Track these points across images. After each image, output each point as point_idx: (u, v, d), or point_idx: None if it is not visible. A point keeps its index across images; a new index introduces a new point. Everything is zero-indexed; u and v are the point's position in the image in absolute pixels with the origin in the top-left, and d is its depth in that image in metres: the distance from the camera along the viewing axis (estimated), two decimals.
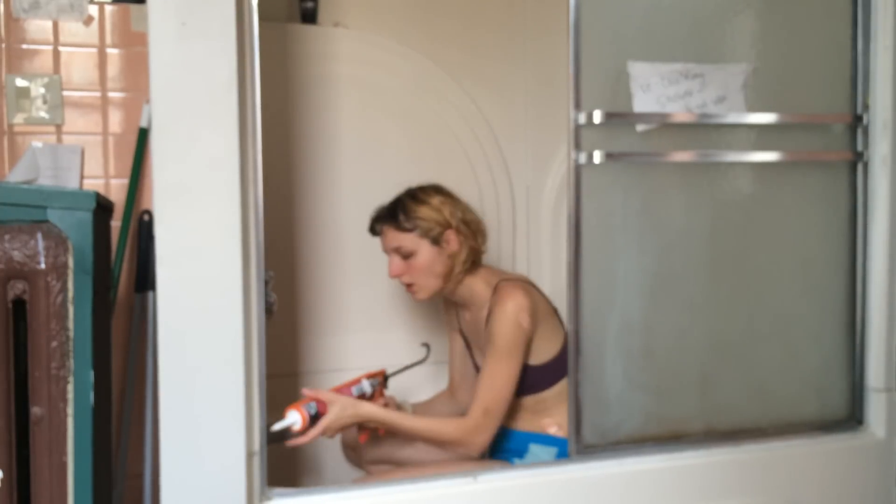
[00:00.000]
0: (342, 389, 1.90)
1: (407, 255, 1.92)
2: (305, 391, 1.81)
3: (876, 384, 1.89)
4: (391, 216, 1.94)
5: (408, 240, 1.91)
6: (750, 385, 1.84)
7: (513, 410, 1.96)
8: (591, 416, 1.73)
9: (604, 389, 1.75)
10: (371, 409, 1.84)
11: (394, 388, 2.13)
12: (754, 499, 1.79)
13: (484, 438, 1.84)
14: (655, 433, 1.78)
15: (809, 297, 1.88)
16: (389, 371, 2.09)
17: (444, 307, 2.17)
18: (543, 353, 1.93)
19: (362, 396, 1.93)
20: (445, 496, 1.62)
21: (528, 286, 1.95)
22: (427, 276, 1.93)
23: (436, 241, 1.91)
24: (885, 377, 1.88)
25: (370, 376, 1.99)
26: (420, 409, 2.13)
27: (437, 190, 1.98)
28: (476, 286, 1.97)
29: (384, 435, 1.98)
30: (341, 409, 1.79)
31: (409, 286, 1.96)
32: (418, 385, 2.27)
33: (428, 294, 1.96)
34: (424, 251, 1.91)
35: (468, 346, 2.10)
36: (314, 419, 1.76)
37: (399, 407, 2.06)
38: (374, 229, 1.98)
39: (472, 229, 1.97)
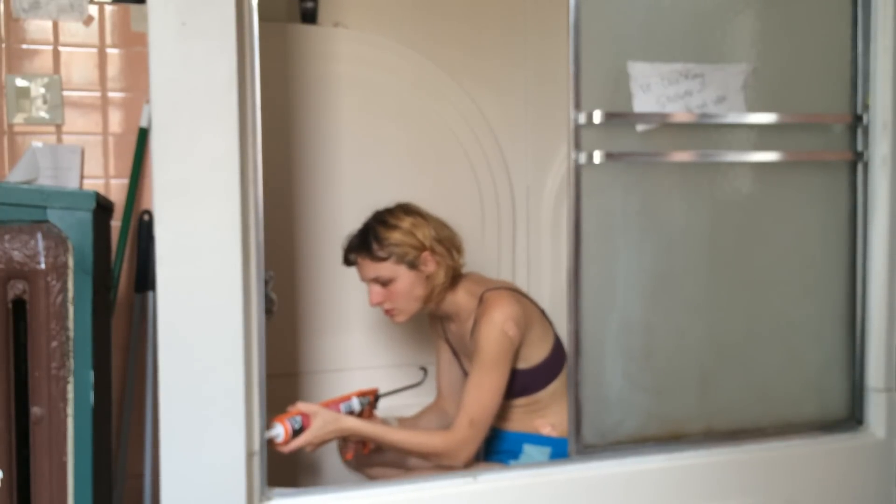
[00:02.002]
0: (331, 405, 1.89)
1: (386, 283, 1.90)
2: (290, 408, 1.80)
3: (876, 384, 1.89)
4: (364, 246, 1.90)
5: (384, 268, 1.88)
6: (750, 385, 1.84)
7: (505, 412, 1.96)
8: (591, 416, 1.73)
9: (604, 389, 1.75)
10: (354, 424, 1.82)
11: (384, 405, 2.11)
12: (754, 499, 1.79)
13: (470, 450, 1.83)
14: (655, 433, 1.78)
15: (809, 297, 1.88)
16: (382, 391, 2.07)
17: (430, 318, 2.16)
18: (534, 356, 1.92)
19: (350, 414, 1.91)
20: (445, 496, 1.62)
21: (513, 294, 1.94)
22: (407, 301, 1.92)
23: (412, 265, 1.89)
24: (885, 377, 1.88)
25: (361, 394, 1.98)
26: (406, 424, 2.11)
27: (407, 211, 1.94)
28: (459, 299, 1.95)
29: (369, 453, 1.98)
30: (323, 424, 1.77)
31: (388, 311, 1.94)
32: (408, 406, 2.26)
33: (408, 317, 1.95)
34: (403, 277, 1.89)
35: (456, 355, 2.09)
36: (297, 433, 1.75)
37: (384, 423, 2.02)
38: (349, 260, 1.95)
39: (447, 247, 1.93)
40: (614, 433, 1.75)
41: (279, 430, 1.73)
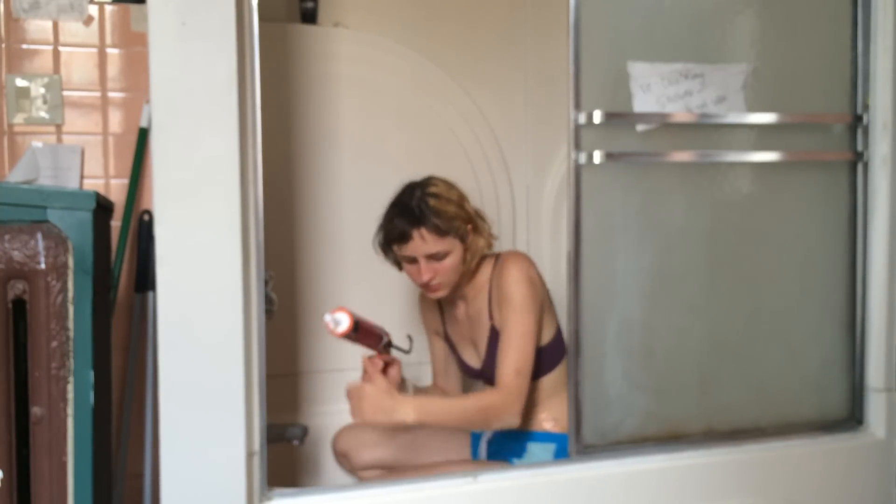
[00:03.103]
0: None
1: (441, 258, 1.86)
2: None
3: (876, 384, 1.89)
4: (425, 220, 1.83)
5: (445, 243, 1.85)
6: (750, 385, 1.84)
7: None
8: (591, 416, 1.73)
9: (604, 389, 1.75)
10: (411, 411, 1.75)
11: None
12: (754, 499, 1.79)
13: (521, 402, 1.81)
14: (655, 433, 1.78)
15: (809, 297, 1.88)
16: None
17: (421, 308, 2.15)
18: (543, 334, 1.92)
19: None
20: (445, 496, 1.62)
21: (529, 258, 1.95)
22: (454, 274, 1.90)
23: (464, 238, 1.89)
24: (885, 377, 1.88)
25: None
26: (422, 392, 2.12)
27: (445, 182, 1.92)
28: (476, 275, 1.95)
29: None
30: (380, 396, 1.75)
31: (434, 286, 1.89)
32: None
33: (448, 290, 1.92)
34: (457, 251, 1.88)
35: (453, 349, 2.09)
36: (357, 327, 1.78)
37: (404, 381, 2.03)
38: (406, 236, 1.84)
39: (483, 218, 1.96)
40: (614, 433, 1.75)
41: (343, 317, 1.75)
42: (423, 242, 1.84)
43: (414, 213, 1.84)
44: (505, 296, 1.85)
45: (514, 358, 1.81)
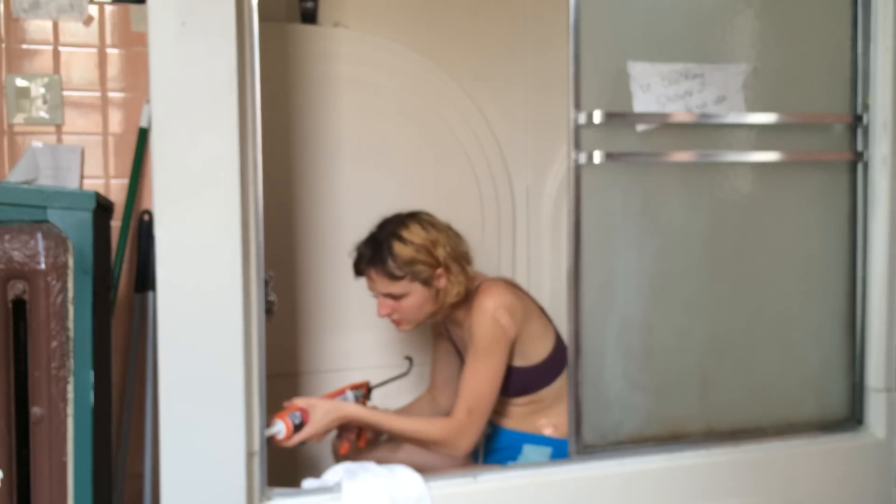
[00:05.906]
0: (326, 399, 1.91)
1: (397, 297, 1.88)
2: (286, 404, 1.80)
3: (876, 384, 1.89)
4: (379, 261, 1.85)
5: (399, 286, 1.86)
6: (750, 385, 1.84)
7: (507, 410, 1.96)
8: (591, 416, 1.73)
9: (604, 389, 1.75)
10: (354, 410, 1.83)
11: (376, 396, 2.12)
12: (754, 499, 1.79)
13: (468, 440, 1.82)
14: (655, 433, 1.78)
15: (809, 297, 1.88)
16: (373, 383, 2.09)
17: (431, 328, 2.15)
18: (535, 353, 1.92)
19: None
20: (445, 496, 1.62)
21: (507, 285, 1.93)
22: (417, 314, 1.90)
23: (426, 282, 1.86)
24: (885, 377, 1.88)
25: (354, 387, 2.00)
26: (401, 412, 2.10)
27: (421, 223, 1.89)
28: (462, 306, 1.93)
29: (364, 447, 1.97)
30: (324, 414, 1.78)
31: (395, 321, 1.93)
32: (399, 394, 2.26)
33: (413, 326, 1.94)
34: (416, 293, 1.87)
35: (459, 353, 2.08)
36: (298, 427, 1.77)
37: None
38: (360, 271, 1.91)
39: (461, 264, 1.90)
40: (614, 433, 1.75)
41: (280, 427, 1.73)
42: (372, 280, 1.89)
43: (373, 250, 1.87)
44: (471, 335, 1.86)
45: (469, 398, 1.82)
